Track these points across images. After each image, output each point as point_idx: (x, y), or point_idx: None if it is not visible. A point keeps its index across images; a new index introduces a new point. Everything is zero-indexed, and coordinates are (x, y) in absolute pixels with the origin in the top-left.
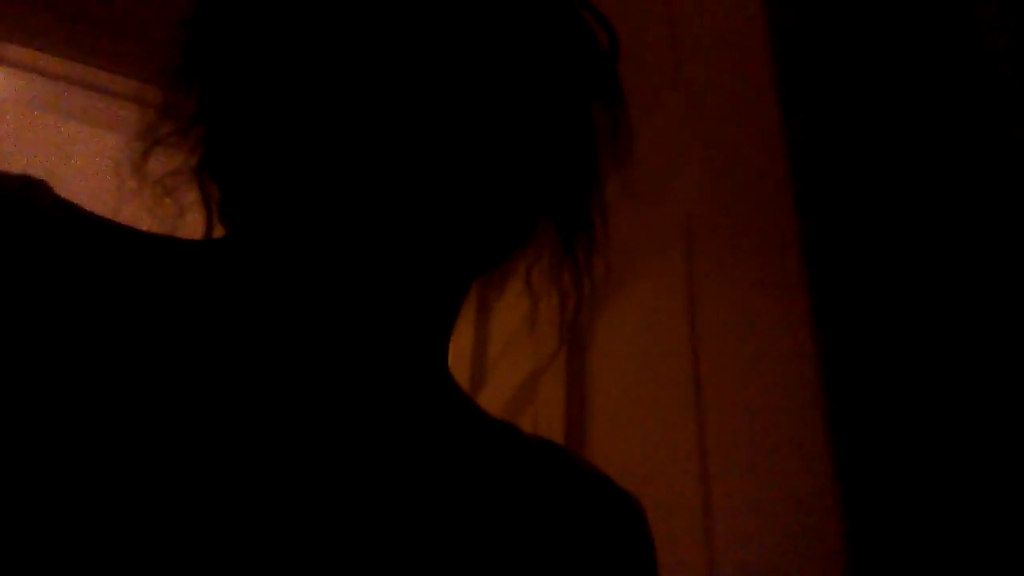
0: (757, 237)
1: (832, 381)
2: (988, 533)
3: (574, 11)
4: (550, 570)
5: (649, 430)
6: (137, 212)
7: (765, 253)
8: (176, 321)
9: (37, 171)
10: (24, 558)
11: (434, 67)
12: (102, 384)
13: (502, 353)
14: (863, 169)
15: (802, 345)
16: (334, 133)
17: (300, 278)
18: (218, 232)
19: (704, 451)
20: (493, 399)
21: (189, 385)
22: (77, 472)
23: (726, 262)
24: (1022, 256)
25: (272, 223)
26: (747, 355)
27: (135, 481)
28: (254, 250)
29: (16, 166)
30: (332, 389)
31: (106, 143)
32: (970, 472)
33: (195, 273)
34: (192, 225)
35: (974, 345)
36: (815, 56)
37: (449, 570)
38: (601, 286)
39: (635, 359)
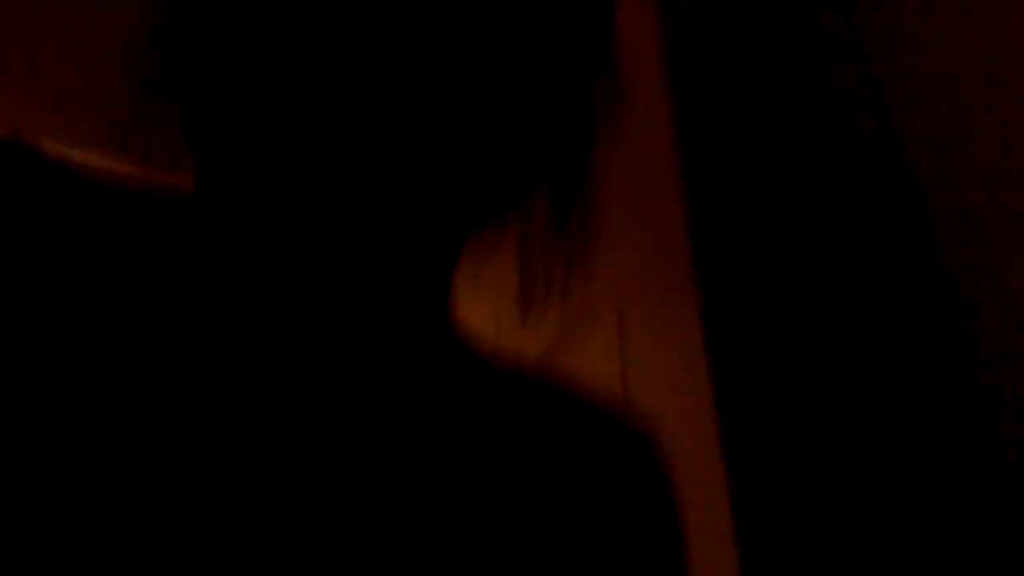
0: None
1: None
2: None
3: None
4: (560, 525)
5: None
6: (129, 166)
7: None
8: (161, 279)
9: None
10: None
11: (424, 20)
12: (81, 350)
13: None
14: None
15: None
16: (313, 81)
17: (283, 236)
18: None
19: None
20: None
21: (174, 347)
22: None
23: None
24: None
25: (250, 179)
26: None
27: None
28: (237, 205)
29: None
30: (322, 347)
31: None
32: None
33: (180, 230)
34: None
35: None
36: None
37: (446, 526)
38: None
39: None
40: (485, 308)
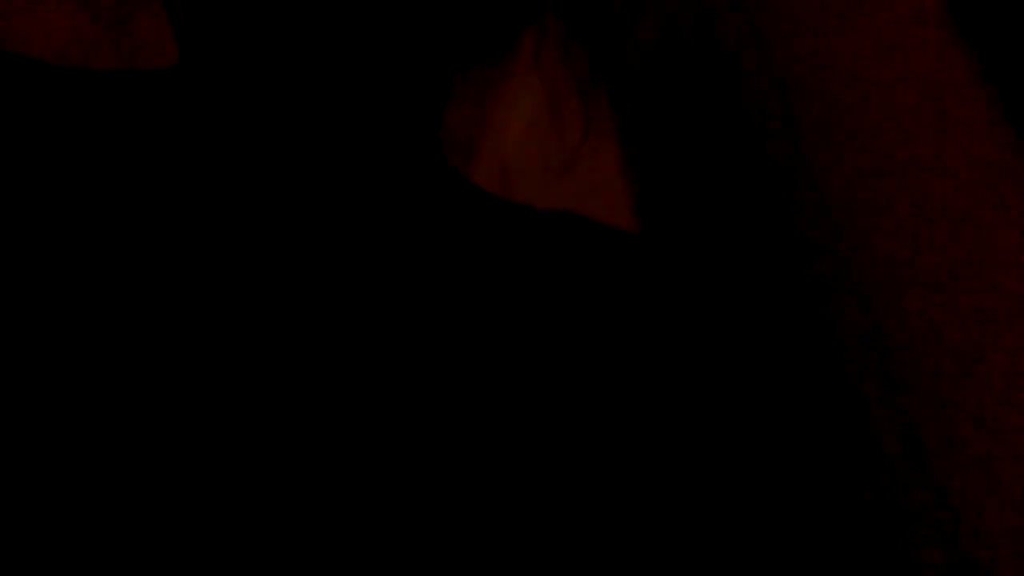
0: None
1: None
2: None
3: None
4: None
5: None
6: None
7: None
8: (151, 161)
9: None
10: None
11: None
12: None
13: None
14: None
15: None
16: None
17: (277, 81)
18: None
19: None
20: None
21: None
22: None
23: None
24: None
25: (239, 38)
26: None
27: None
28: (228, 67)
29: None
30: (319, 197)
31: None
32: None
33: (165, 104)
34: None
35: None
36: None
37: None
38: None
39: None
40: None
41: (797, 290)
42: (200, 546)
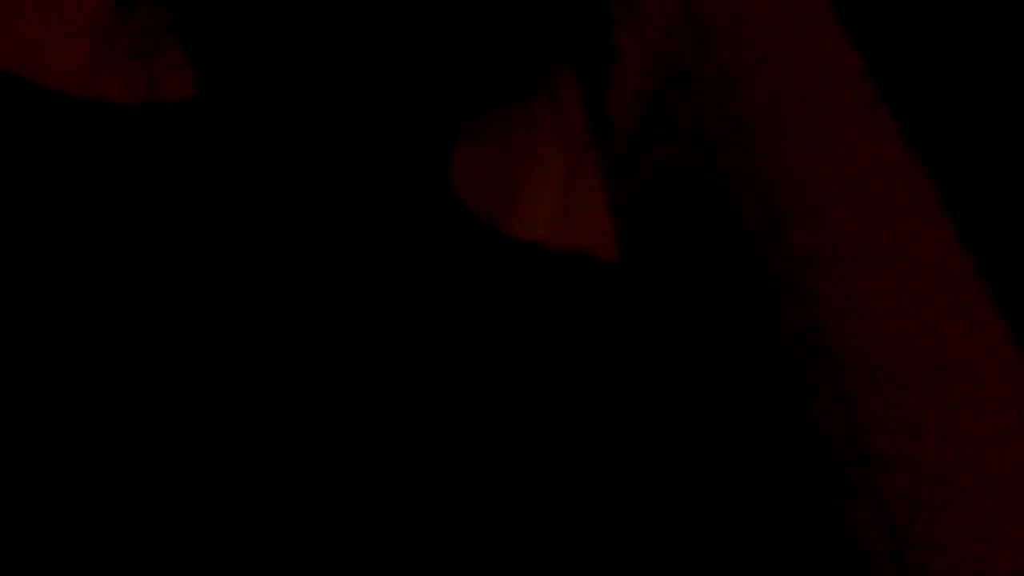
0: None
1: None
2: None
3: None
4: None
5: None
6: (111, 82)
7: None
8: (163, 191)
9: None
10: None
11: None
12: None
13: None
14: None
15: None
16: None
17: (275, 126)
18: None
19: None
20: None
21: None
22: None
23: None
24: None
25: (254, 74)
26: None
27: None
28: (244, 101)
29: None
30: (325, 233)
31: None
32: None
33: (179, 137)
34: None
35: None
36: None
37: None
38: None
39: None
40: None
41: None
42: (200, 546)
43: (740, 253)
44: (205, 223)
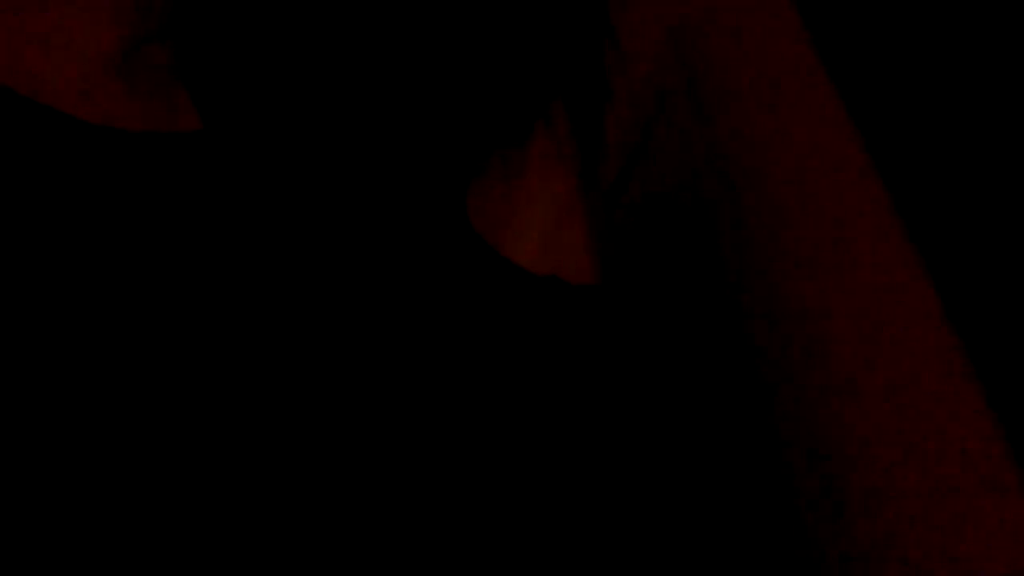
0: None
1: None
2: None
3: None
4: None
5: None
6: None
7: None
8: (167, 220)
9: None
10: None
11: None
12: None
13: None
14: None
15: None
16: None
17: (297, 159)
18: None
19: None
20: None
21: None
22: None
23: None
24: None
25: (256, 113)
26: None
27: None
28: (248, 137)
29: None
30: (339, 260)
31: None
32: None
33: (186, 167)
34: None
35: None
36: None
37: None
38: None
39: None
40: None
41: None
42: (200, 546)
43: (718, 278)
44: (211, 237)
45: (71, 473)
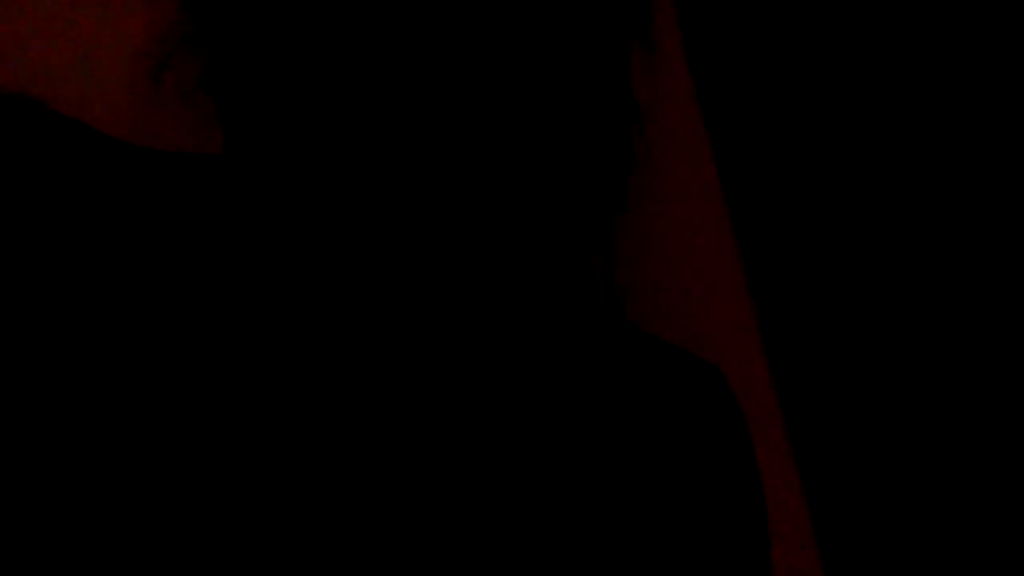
0: None
1: None
2: None
3: None
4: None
5: None
6: (159, 124)
7: None
8: (181, 247)
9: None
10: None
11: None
12: (100, 317)
13: None
14: None
15: None
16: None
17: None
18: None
19: None
20: None
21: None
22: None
23: None
24: None
25: (281, 138)
26: None
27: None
28: (269, 162)
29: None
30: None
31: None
32: None
33: (208, 189)
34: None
35: None
36: None
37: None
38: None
39: None
40: None
41: None
42: (200, 546)
43: None
44: (217, 288)
45: (71, 473)
